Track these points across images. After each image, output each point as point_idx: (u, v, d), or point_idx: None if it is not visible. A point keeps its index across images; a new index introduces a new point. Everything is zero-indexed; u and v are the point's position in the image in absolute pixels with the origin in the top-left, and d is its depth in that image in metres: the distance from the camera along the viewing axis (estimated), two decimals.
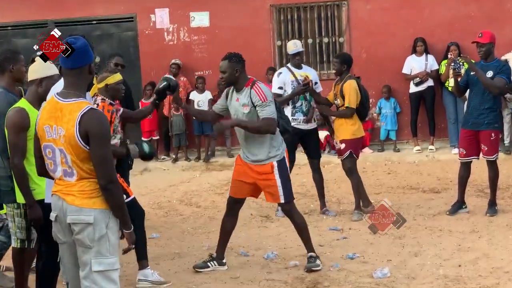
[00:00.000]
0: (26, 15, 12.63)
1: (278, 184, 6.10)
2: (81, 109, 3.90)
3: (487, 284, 5.57)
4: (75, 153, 3.89)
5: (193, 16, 12.48)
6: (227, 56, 6.10)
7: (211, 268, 6.32)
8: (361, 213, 7.87)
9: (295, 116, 8.06)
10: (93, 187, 3.94)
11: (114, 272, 4.01)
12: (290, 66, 8.32)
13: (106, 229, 3.95)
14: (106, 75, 5.84)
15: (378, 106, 12.07)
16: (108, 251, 3.96)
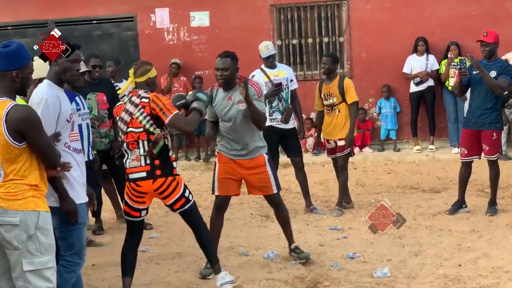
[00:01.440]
0: (26, 14, 12.64)
1: (270, 176, 6.24)
2: (6, 106, 3.96)
3: (487, 284, 5.57)
4: (4, 152, 3.95)
5: (193, 16, 12.49)
6: (227, 54, 6.08)
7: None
8: (341, 210, 8.07)
9: (273, 116, 8.13)
10: (19, 189, 4.00)
11: (48, 271, 4.07)
12: (263, 67, 8.35)
13: (36, 229, 4.01)
14: (147, 68, 5.53)
15: (378, 105, 12.07)
16: (38, 251, 4.02)
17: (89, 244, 7.45)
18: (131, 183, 5.44)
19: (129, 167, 5.43)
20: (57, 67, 4.67)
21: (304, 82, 11.89)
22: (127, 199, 5.51)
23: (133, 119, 5.36)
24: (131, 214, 5.55)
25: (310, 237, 7.25)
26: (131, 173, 5.43)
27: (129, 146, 5.42)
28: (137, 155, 5.40)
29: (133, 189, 5.45)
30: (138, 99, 5.39)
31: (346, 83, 8.03)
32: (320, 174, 10.36)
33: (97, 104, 7.69)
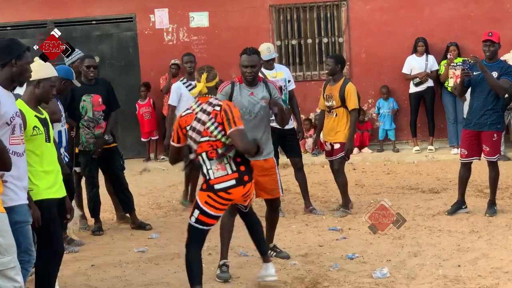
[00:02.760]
0: (25, 15, 12.63)
1: (279, 179, 6.27)
2: None
3: (487, 284, 5.57)
4: None
5: (192, 16, 12.48)
6: (254, 50, 6.16)
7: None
8: (346, 211, 8.04)
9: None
10: None
11: (11, 271, 4.07)
12: (262, 68, 8.33)
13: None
14: (216, 72, 5.47)
15: (377, 106, 12.07)
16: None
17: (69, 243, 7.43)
18: (219, 193, 5.29)
19: (214, 177, 5.29)
20: (14, 69, 4.55)
21: (304, 82, 11.89)
22: (207, 209, 5.32)
23: (205, 129, 5.28)
24: (207, 223, 5.40)
25: (310, 238, 7.25)
26: (219, 183, 5.29)
27: (208, 156, 5.30)
28: (223, 165, 5.31)
29: (222, 198, 5.31)
30: (210, 107, 5.32)
31: (347, 89, 7.97)
32: (320, 175, 10.36)
33: (92, 106, 7.66)
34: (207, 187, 5.31)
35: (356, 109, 8.03)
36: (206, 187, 5.32)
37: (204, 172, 5.34)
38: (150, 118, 12.26)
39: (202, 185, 5.38)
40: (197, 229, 5.43)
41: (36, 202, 4.83)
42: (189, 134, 5.31)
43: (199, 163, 5.35)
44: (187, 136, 5.32)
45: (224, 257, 6.19)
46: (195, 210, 5.38)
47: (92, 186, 7.85)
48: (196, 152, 5.31)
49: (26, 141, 4.84)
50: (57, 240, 5.08)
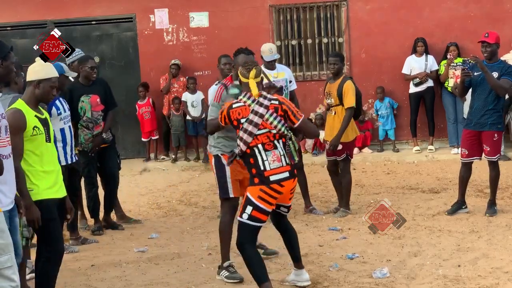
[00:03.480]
0: (25, 15, 12.62)
1: None
2: None
3: (487, 284, 5.57)
4: None
5: (192, 17, 12.48)
6: (250, 51, 6.23)
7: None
8: (346, 212, 8.02)
9: None
10: None
11: (8, 270, 4.06)
12: (263, 68, 8.31)
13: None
14: (260, 68, 5.59)
15: (374, 108, 12.07)
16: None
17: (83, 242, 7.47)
18: (272, 185, 5.31)
19: (270, 168, 5.32)
20: (0, 69, 4.54)
21: (304, 82, 11.89)
22: (261, 205, 5.32)
23: (264, 121, 5.33)
24: (261, 220, 5.38)
25: (310, 238, 7.25)
26: (274, 174, 5.32)
27: (265, 147, 5.34)
28: (277, 156, 5.36)
29: (274, 191, 5.32)
30: (267, 101, 5.38)
31: (345, 86, 7.94)
32: (320, 175, 10.36)
33: (91, 106, 7.67)
34: (260, 181, 5.32)
35: (352, 107, 7.93)
36: (259, 180, 5.32)
37: (257, 164, 5.34)
38: (150, 117, 12.26)
39: (252, 179, 5.36)
40: (250, 227, 5.39)
41: (36, 202, 4.84)
42: (245, 127, 5.34)
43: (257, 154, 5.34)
44: (241, 128, 5.36)
45: (227, 258, 6.17)
46: (247, 207, 5.35)
47: (92, 186, 7.87)
48: (250, 144, 5.33)
49: (26, 141, 4.85)
50: (57, 240, 5.09)
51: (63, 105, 6.94)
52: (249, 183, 5.41)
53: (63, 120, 6.86)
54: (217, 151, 6.16)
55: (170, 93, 12.17)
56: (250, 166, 5.39)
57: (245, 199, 5.39)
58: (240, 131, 5.38)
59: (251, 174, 5.39)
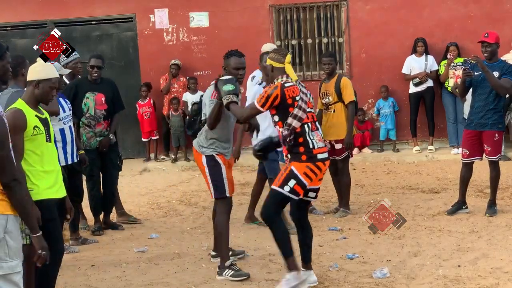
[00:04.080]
0: (25, 15, 12.63)
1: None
2: None
3: (487, 284, 5.57)
4: None
5: (192, 17, 12.48)
6: (242, 53, 6.24)
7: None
8: (346, 212, 8.02)
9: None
10: None
11: (16, 275, 4.01)
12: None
13: (4, 233, 3.94)
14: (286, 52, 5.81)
15: (376, 106, 12.07)
16: (7, 255, 3.96)
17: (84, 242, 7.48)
18: (317, 163, 5.54)
19: (317, 147, 5.57)
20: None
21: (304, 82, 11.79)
22: (304, 180, 5.50)
23: (309, 101, 5.62)
24: (299, 194, 5.56)
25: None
26: (320, 153, 5.59)
27: (311, 127, 5.57)
28: (320, 137, 5.64)
29: (318, 168, 5.55)
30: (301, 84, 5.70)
31: (343, 82, 8.00)
32: None
33: (95, 103, 7.70)
34: (307, 158, 5.51)
35: (353, 101, 7.99)
36: (307, 158, 5.51)
37: (307, 143, 5.53)
38: (150, 118, 12.27)
39: (299, 157, 5.51)
40: (288, 199, 5.57)
41: (36, 202, 4.83)
42: (300, 103, 5.53)
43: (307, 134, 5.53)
44: (296, 105, 5.51)
45: (228, 257, 6.19)
46: (291, 180, 5.49)
47: (94, 185, 7.87)
48: (303, 121, 5.53)
49: (26, 141, 4.85)
50: (57, 240, 5.08)
51: (63, 105, 6.94)
52: (294, 159, 5.54)
53: (62, 120, 6.86)
54: (211, 151, 6.19)
55: (169, 93, 12.17)
56: (298, 145, 5.53)
57: (288, 172, 5.51)
58: (295, 109, 5.52)
59: (298, 152, 5.53)
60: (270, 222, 5.62)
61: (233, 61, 6.15)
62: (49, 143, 5.03)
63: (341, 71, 11.83)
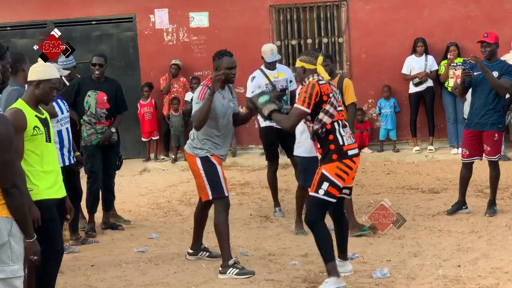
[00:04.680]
0: (25, 15, 12.63)
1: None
2: None
3: (487, 284, 5.57)
4: None
5: (192, 17, 12.48)
6: (231, 53, 6.25)
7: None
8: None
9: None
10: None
11: (17, 280, 4.00)
12: (263, 68, 8.34)
13: (8, 236, 3.93)
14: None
15: (378, 106, 12.06)
16: (10, 259, 3.94)
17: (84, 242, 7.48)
18: (346, 161, 5.59)
19: (347, 143, 5.63)
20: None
21: None
22: (337, 181, 5.57)
23: (338, 100, 5.75)
24: (335, 196, 5.63)
25: (310, 238, 7.22)
26: (350, 149, 5.64)
27: (340, 124, 5.66)
28: (349, 133, 5.73)
29: (348, 167, 5.61)
30: (332, 84, 5.81)
31: (345, 83, 8.00)
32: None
33: (96, 102, 7.72)
34: (338, 156, 5.57)
35: (354, 103, 7.98)
36: (337, 156, 5.57)
37: (337, 139, 5.61)
38: (151, 118, 12.27)
39: (330, 156, 5.59)
40: (325, 202, 5.64)
41: (36, 202, 4.83)
42: (332, 101, 5.63)
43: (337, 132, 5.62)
44: (328, 102, 5.60)
45: (231, 256, 6.22)
46: (324, 183, 5.57)
47: (94, 181, 7.85)
48: (334, 118, 5.62)
49: (26, 141, 4.85)
50: (57, 240, 5.08)
51: (61, 107, 6.92)
52: (324, 162, 5.61)
53: (60, 122, 6.84)
54: (205, 153, 6.21)
55: (169, 93, 12.17)
56: (328, 142, 5.61)
57: (320, 176, 5.60)
58: (327, 105, 5.61)
59: (329, 150, 5.60)
60: (312, 227, 5.74)
61: (226, 61, 6.18)
62: (49, 143, 5.03)
63: (341, 71, 11.83)
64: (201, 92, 6.14)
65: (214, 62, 6.23)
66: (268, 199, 8.85)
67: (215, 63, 6.22)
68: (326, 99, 5.62)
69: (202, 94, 6.12)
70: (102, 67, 7.93)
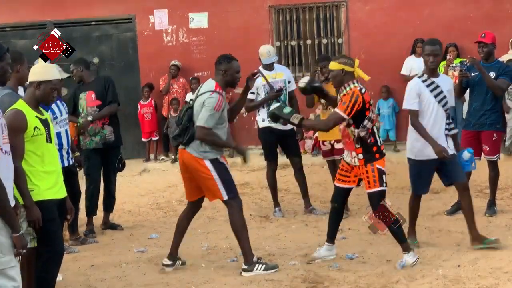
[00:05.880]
0: (25, 16, 12.63)
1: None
2: None
3: (486, 284, 5.57)
4: None
5: (191, 17, 12.49)
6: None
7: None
8: (346, 213, 7.99)
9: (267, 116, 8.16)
10: None
11: (11, 270, 4.06)
12: (261, 69, 8.35)
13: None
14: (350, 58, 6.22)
15: (377, 106, 12.07)
16: (0, 251, 4.00)
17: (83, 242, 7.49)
18: (384, 158, 6.18)
19: (381, 144, 6.17)
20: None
21: None
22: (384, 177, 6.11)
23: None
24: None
25: (309, 238, 7.26)
26: (384, 149, 6.23)
27: (376, 127, 6.19)
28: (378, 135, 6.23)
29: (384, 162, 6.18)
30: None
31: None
32: (319, 175, 10.36)
33: (86, 102, 7.74)
34: (380, 155, 6.13)
35: None
36: (380, 155, 6.13)
37: (377, 141, 6.13)
38: (150, 118, 12.27)
39: (374, 156, 6.09)
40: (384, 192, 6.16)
41: (37, 203, 4.84)
42: (372, 108, 6.12)
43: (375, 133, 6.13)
44: (371, 110, 6.07)
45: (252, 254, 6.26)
46: (383, 176, 6.11)
47: (91, 182, 7.85)
48: (373, 123, 6.09)
49: (27, 142, 4.86)
50: (58, 240, 5.09)
51: (60, 108, 6.92)
52: (370, 161, 6.08)
53: (58, 124, 6.84)
54: (214, 155, 6.17)
55: (169, 94, 12.17)
56: (371, 145, 6.08)
57: (378, 172, 6.08)
58: (370, 112, 6.05)
59: (372, 151, 6.08)
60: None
61: (235, 65, 6.21)
62: (50, 144, 5.04)
63: None
64: (219, 102, 6.04)
65: (222, 65, 6.17)
66: (267, 199, 8.86)
67: (222, 67, 6.16)
68: (368, 106, 6.02)
69: (219, 105, 6.03)
70: (74, 72, 7.92)
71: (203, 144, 6.13)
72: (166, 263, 6.42)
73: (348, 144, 6.16)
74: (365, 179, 6.13)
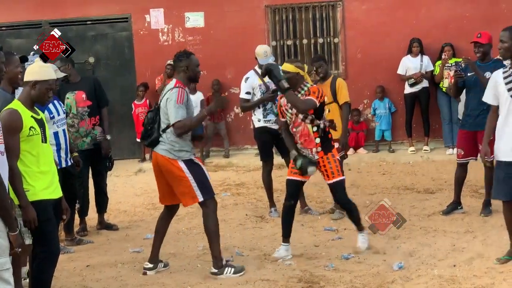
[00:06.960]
0: (20, 15, 12.61)
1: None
2: None
3: (482, 284, 5.58)
4: None
5: (188, 17, 12.47)
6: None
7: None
8: (342, 213, 7.95)
9: (267, 117, 8.21)
10: None
11: (6, 272, 4.05)
12: (257, 69, 8.34)
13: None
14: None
15: (372, 107, 12.08)
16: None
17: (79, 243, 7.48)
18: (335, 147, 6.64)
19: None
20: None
21: None
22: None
23: None
24: None
25: (305, 238, 7.26)
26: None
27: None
28: None
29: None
30: None
31: (338, 83, 8.03)
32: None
33: (76, 102, 7.69)
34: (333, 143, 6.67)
35: (347, 103, 7.99)
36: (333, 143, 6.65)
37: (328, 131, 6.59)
38: None
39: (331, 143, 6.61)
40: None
41: (33, 203, 4.83)
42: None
43: None
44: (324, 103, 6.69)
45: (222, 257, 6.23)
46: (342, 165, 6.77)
47: (81, 186, 7.83)
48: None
49: (22, 142, 4.85)
50: (53, 241, 5.08)
51: (57, 108, 6.90)
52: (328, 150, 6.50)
53: (56, 123, 6.82)
54: (190, 155, 6.17)
55: None
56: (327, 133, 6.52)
57: (338, 161, 6.56)
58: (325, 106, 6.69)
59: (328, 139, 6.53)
60: (349, 205, 6.62)
61: (194, 59, 6.30)
62: (45, 144, 5.03)
63: (336, 71, 11.85)
64: (180, 95, 6.04)
65: (182, 62, 6.19)
66: (263, 199, 8.85)
67: (183, 63, 6.18)
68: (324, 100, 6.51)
69: (181, 98, 6.03)
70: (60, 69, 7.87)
71: (176, 144, 6.10)
72: (147, 267, 6.38)
73: (307, 142, 6.43)
74: (325, 172, 6.52)
